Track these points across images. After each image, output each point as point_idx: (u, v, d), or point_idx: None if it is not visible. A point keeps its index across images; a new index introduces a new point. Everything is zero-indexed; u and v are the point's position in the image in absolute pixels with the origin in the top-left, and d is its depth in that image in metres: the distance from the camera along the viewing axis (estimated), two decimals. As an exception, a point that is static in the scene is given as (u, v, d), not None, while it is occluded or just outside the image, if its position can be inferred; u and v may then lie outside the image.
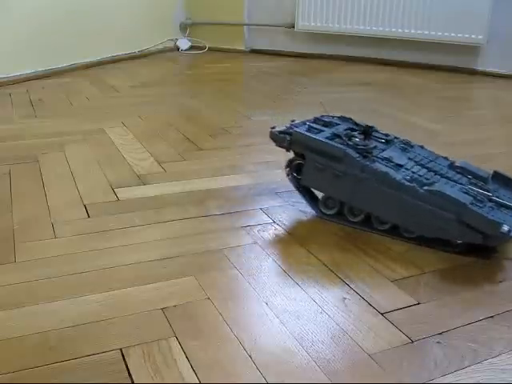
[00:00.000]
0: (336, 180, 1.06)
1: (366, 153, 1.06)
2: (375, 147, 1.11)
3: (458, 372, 0.70)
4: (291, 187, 1.30)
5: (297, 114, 1.99)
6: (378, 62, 3.10)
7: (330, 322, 0.80)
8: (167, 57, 3.23)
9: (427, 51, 2.96)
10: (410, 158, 1.11)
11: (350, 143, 1.08)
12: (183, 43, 3.44)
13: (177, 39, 3.46)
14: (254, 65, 3.03)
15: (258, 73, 2.78)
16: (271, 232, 1.07)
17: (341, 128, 1.16)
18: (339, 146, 1.06)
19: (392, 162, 1.06)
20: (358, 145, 1.08)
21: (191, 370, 0.70)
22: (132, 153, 1.52)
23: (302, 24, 3.18)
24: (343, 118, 1.24)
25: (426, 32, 2.86)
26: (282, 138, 1.11)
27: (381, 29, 2.98)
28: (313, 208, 1.14)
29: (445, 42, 2.84)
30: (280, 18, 3.30)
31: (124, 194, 1.25)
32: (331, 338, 0.76)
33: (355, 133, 1.15)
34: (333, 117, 1.24)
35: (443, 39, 2.83)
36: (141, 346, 0.74)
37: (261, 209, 1.18)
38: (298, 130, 1.10)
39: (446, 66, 2.94)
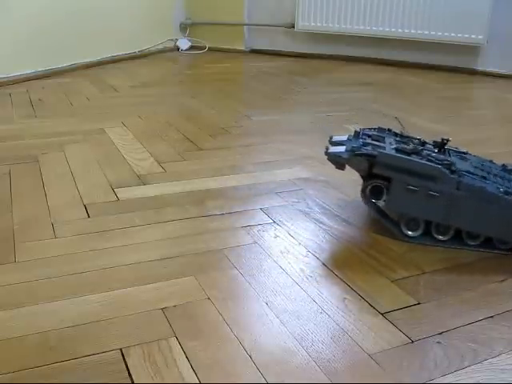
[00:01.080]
0: (429, 200, 1.01)
1: (451, 168, 1.01)
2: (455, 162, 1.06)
3: (458, 372, 0.70)
4: (291, 187, 1.30)
5: (297, 113, 1.99)
6: (378, 61, 3.10)
7: (330, 322, 0.80)
8: (167, 57, 3.23)
9: (427, 51, 2.96)
10: (476, 167, 1.07)
11: (432, 159, 1.02)
12: (183, 43, 3.44)
13: (177, 39, 3.46)
14: (254, 65, 3.03)
15: (257, 73, 2.78)
16: (271, 232, 1.07)
17: (392, 141, 1.10)
18: (433, 164, 1.00)
19: (475, 175, 1.02)
20: (439, 160, 1.02)
21: (191, 370, 0.70)
22: (132, 153, 1.52)
23: (301, 24, 3.18)
24: (380, 130, 1.18)
25: (426, 32, 2.86)
26: (357, 161, 1.02)
27: (381, 29, 2.98)
28: (395, 232, 1.06)
29: (445, 42, 2.84)
30: (280, 18, 3.30)
31: (124, 193, 1.25)
32: (331, 337, 0.76)
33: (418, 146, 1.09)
34: (370, 129, 1.18)
35: (443, 39, 2.83)
36: (141, 346, 0.74)
37: (261, 209, 1.18)
38: (383, 151, 1.01)
39: (446, 65, 2.94)
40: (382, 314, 0.82)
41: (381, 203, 1.07)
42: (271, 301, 0.85)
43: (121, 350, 0.73)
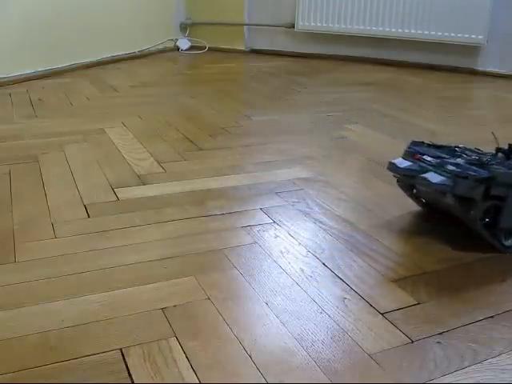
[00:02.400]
0: None
1: None
2: None
3: (458, 372, 0.70)
4: (291, 187, 1.30)
5: (297, 113, 1.99)
6: (378, 62, 3.10)
7: (330, 322, 0.80)
8: (167, 57, 3.23)
9: (427, 51, 2.96)
10: None
11: None
12: (183, 43, 3.45)
13: (177, 39, 3.46)
14: (254, 65, 3.03)
15: (257, 73, 2.78)
16: (271, 232, 1.07)
17: (441, 154, 1.09)
18: None
19: None
20: None
21: (191, 369, 0.70)
22: (132, 153, 1.52)
23: (301, 24, 3.18)
24: (415, 143, 1.15)
25: (426, 32, 2.86)
26: (470, 186, 0.98)
27: (381, 29, 2.98)
28: (497, 246, 1.03)
29: (445, 42, 2.84)
30: (280, 18, 3.30)
31: (124, 193, 1.25)
32: (331, 338, 0.76)
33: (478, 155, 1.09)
34: (409, 146, 1.15)
35: (443, 39, 2.83)
36: (141, 346, 0.74)
37: (261, 209, 1.18)
38: (500, 170, 0.99)
39: (446, 65, 2.94)
40: (381, 314, 0.82)
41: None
42: (271, 301, 0.85)
43: (121, 349, 0.73)
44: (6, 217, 1.12)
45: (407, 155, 1.10)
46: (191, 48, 3.46)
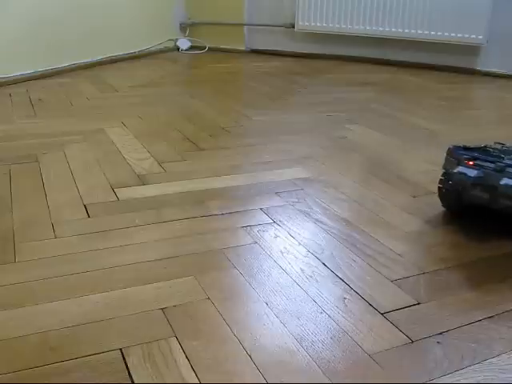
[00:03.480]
0: None
1: None
2: None
3: (458, 372, 0.70)
4: (291, 187, 1.30)
5: (297, 113, 1.99)
6: (378, 62, 3.10)
7: (330, 322, 0.80)
8: (167, 57, 3.23)
9: (427, 51, 2.96)
10: None
11: None
12: (183, 43, 3.44)
13: (177, 39, 3.46)
14: (254, 65, 3.03)
15: (257, 73, 2.78)
16: (271, 232, 1.07)
17: (489, 157, 1.11)
18: None
19: None
20: None
21: (191, 369, 0.70)
22: (132, 153, 1.52)
23: (301, 24, 3.17)
24: (456, 147, 1.16)
25: (426, 32, 2.85)
26: None
27: (381, 29, 2.98)
28: None
29: (445, 42, 2.84)
30: (280, 18, 3.29)
31: (124, 193, 1.25)
32: (331, 338, 0.76)
33: None
34: (462, 153, 1.15)
35: (443, 39, 2.83)
36: (141, 346, 0.74)
37: (261, 209, 1.18)
38: None
39: (446, 65, 2.94)
40: (381, 314, 0.82)
41: None
42: (271, 301, 0.85)
43: (121, 350, 0.73)
44: (6, 217, 1.12)
45: (461, 161, 1.10)
46: (191, 48, 3.46)
